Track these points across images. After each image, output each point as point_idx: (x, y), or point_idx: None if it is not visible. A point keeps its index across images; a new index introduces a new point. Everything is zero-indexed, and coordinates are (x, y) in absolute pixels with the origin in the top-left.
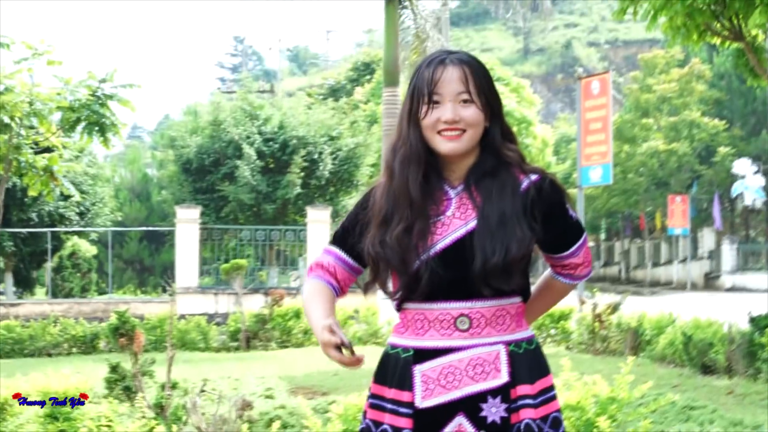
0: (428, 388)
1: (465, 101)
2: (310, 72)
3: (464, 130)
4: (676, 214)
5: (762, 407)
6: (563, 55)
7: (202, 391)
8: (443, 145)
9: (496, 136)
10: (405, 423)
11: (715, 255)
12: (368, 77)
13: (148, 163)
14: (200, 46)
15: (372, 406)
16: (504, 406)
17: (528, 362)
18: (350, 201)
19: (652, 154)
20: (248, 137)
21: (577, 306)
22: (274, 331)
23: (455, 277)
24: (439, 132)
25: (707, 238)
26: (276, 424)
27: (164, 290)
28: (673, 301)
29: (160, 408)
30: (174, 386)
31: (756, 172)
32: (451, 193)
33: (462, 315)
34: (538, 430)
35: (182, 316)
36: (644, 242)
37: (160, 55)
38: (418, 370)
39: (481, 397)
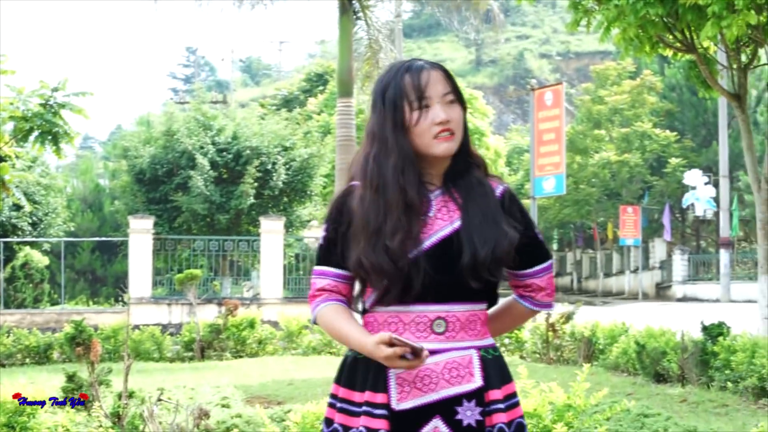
0: (404, 390)
1: (450, 101)
2: (263, 83)
3: (454, 131)
4: (628, 225)
5: (715, 415)
6: (515, 66)
7: (159, 400)
8: (439, 147)
9: (467, 139)
10: (380, 424)
11: (666, 265)
12: (321, 88)
13: (101, 173)
14: (152, 56)
15: (340, 410)
16: (479, 409)
17: (496, 368)
18: (304, 211)
19: (604, 165)
20: (202, 147)
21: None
22: (228, 341)
23: (442, 277)
24: (434, 136)
25: (658, 249)
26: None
27: (117, 301)
28: (625, 310)
29: (117, 417)
30: (131, 395)
31: (706, 183)
32: (431, 195)
33: (439, 318)
34: None
35: (136, 327)
36: (596, 252)
37: (112, 65)
38: (393, 372)
39: (457, 400)
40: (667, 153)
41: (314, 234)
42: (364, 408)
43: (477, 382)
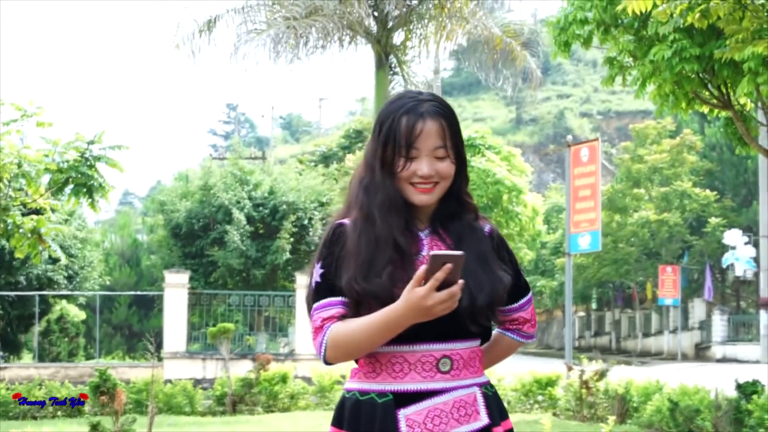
0: None
1: (440, 157)
2: (303, 140)
3: (437, 183)
4: (667, 284)
5: None
6: (555, 125)
7: None
8: (416, 197)
9: (462, 185)
10: None
11: (705, 325)
12: (360, 144)
13: (139, 228)
14: (193, 113)
15: None
16: None
17: (496, 404)
18: None
19: (643, 224)
20: (238, 202)
21: (565, 372)
22: (260, 396)
23: (443, 317)
24: (412, 183)
25: (698, 309)
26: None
27: (147, 355)
28: (663, 371)
29: None
30: None
31: (747, 243)
32: (421, 234)
33: (444, 356)
34: None
35: (168, 381)
36: (635, 312)
37: (152, 121)
38: (403, 414)
39: None
40: (706, 212)
41: None
42: None
43: (483, 419)
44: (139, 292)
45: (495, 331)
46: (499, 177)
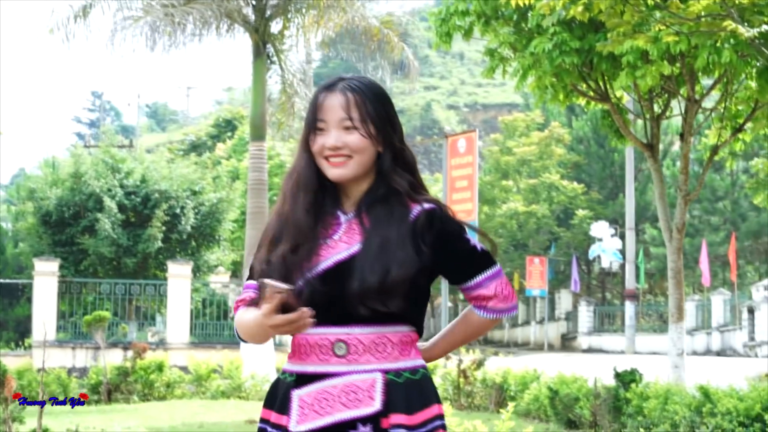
0: (303, 413)
1: (347, 128)
2: (169, 128)
3: (350, 156)
4: (534, 276)
5: None
6: (423, 117)
7: None
8: (329, 171)
9: (386, 163)
10: None
11: (572, 316)
12: (229, 134)
13: (2, 216)
14: (56, 100)
15: (259, 431)
16: None
17: (407, 392)
18: (212, 256)
19: (512, 216)
20: (109, 190)
21: (442, 361)
22: (136, 385)
23: (333, 297)
24: (325, 158)
25: (564, 300)
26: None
27: (18, 345)
28: (532, 361)
29: None
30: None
31: (613, 235)
32: (342, 218)
33: (339, 340)
34: None
35: (42, 369)
36: None
37: (13, 108)
38: (296, 394)
39: (352, 424)
40: (574, 205)
41: (222, 279)
42: (271, 429)
43: (375, 406)
44: (3, 280)
45: (466, 309)
46: None
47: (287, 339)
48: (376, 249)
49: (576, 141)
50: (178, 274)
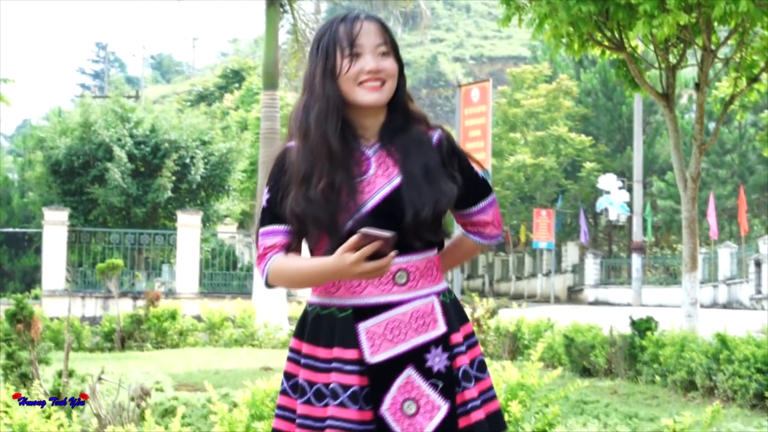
0: (375, 344)
1: (383, 53)
2: (175, 80)
3: (384, 81)
4: (541, 228)
5: (646, 406)
6: (429, 69)
7: (100, 379)
8: (366, 96)
9: (403, 94)
10: (354, 380)
11: (578, 269)
12: (237, 85)
13: (9, 167)
14: (60, 51)
15: (305, 366)
16: (446, 354)
17: (454, 311)
18: (221, 206)
19: (519, 168)
20: (119, 140)
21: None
22: (149, 332)
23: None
24: (360, 84)
25: (571, 252)
26: (181, 409)
27: (28, 292)
28: (538, 313)
29: (56, 395)
30: (71, 374)
31: (620, 188)
32: (368, 152)
33: (400, 269)
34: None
35: (56, 318)
36: (509, 255)
37: (18, 58)
38: (363, 327)
39: (425, 347)
40: (581, 157)
41: (230, 230)
42: (335, 365)
43: (441, 328)
44: (10, 229)
45: (458, 233)
46: None
47: (300, 291)
48: (420, 180)
49: (584, 93)
50: (188, 223)
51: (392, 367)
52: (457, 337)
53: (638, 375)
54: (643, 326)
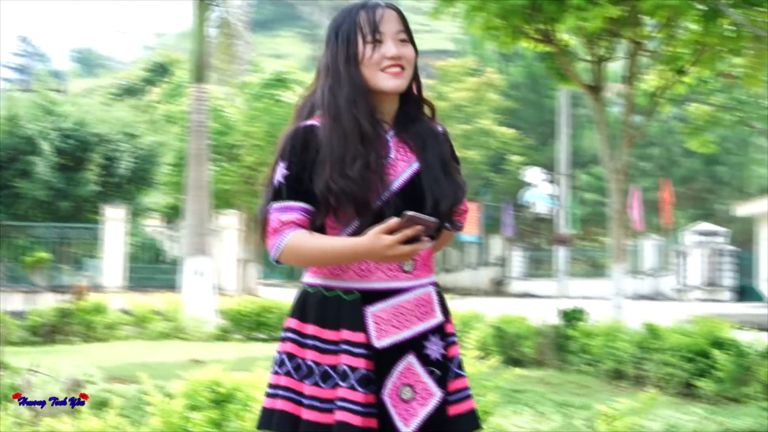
0: (381, 329)
1: (403, 40)
2: (100, 74)
3: (404, 68)
4: (468, 221)
5: (576, 395)
6: None
7: (33, 371)
8: (388, 81)
9: (417, 83)
10: (361, 363)
11: (504, 261)
12: (163, 78)
13: None
14: None
15: (312, 347)
16: (442, 343)
17: (445, 303)
18: (148, 200)
19: None
20: (45, 134)
21: None
22: (77, 326)
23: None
24: (383, 69)
25: (497, 245)
26: (117, 401)
27: None
28: (465, 305)
29: None
30: (6, 367)
31: (546, 181)
32: (386, 135)
33: None
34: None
35: None
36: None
37: None
38: (370, 311)
39: (425, 335)
40: (507, 150)
41: (155, 224)
42: (343, 346)
43: (439, 317)
44: None
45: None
46: None
47: (228, 284)
48: (437, 170)
49: (510, 87)
50: (114, 217)
51: (395, 353)
52: (449, 327)
53: (567, 365)
54: (571, 316)
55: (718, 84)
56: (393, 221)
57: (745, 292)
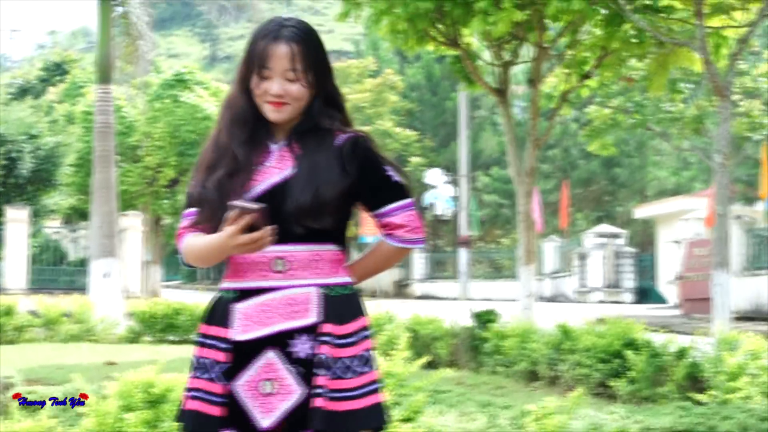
0: (244, 324)
1: (290, 79)
2: None
3: (288, 103)
4: (369, 223)
5: (494, 396)
6: None
7: None
8: (269, 114)
9: (316, 107)
10: (222, 356)
11: (405, 263)
12: (59, 77)
13: None
14: None
15: (199, 344)
16: (310, 343)
17: (340, 305)
18: (50, 201)
19: None
20: None
21: None
22: None
23: (274, 220)
24: (267, 101)
25: None
26: (49, 403)
27: None
28: (370, 307)
29: None
30: None
31: (446, 183)
32: (273, 147)
33: (277, 257)
34: (348, 365)
35: None
36: None
37: None
38: (237, 308)
39: (290, 334)
40: (407, 152)
41: (56, 225)
42: (211, 341)
43: (311, 318)
44: None
45: (377, 238)
46: (209, 112)
47: (132, 286)
48: (307, 172)
49: (409, 88)
50: (16, 218)
51: (254, 348)
52: (328, 328)
53: (481, 366)
54: (485, 318)
55: (616, 87)
56: (231, 213)
57: (645, 294)
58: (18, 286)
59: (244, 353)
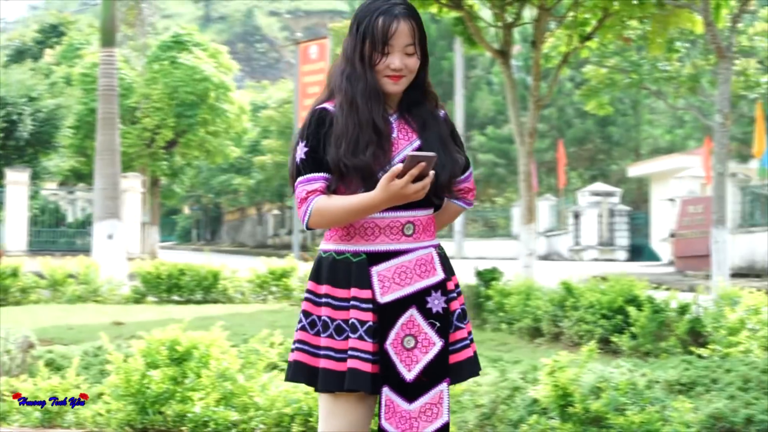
0: (384, 286)
1: (409, 53)
2: None
3: (404, 76)
4: None
5: (499, 352)
6: (244, 23)
7: None
8: (388, 86)
9: (425, 78)
10: (368, 317)
11: None
12: (56, 39)
13: None
14: None
15: (326, 305)
16: (443, 298)
17: (447, 262)
18: (50, 162)
19: None
20: None
21: (300, 264)
22: None
23: None
24: (386, 75)
25: None
26: (76, 360)
27: None
28: None
29: None
30: None
31: None
32: (390, 118)
33: (408, 222)
34: (457, 317)
35: None
36: None
37: None
38: (375, 270)
39: (427, 291)
40: None
41: (53, 187)
42: (353, 303)
43: (440, 275)
44: None
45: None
46: (207, 74)
47: (132, 247)
48: (436, 146)
49: None
50: (17, 180)
51: (397, 307)
52: (450, 285)
53: (485, 323)
54: (488, 276)
55: (613, 47)
56: (397, 166)
57: (639, 252)
58: (18, 248)
59: (388, 313)
